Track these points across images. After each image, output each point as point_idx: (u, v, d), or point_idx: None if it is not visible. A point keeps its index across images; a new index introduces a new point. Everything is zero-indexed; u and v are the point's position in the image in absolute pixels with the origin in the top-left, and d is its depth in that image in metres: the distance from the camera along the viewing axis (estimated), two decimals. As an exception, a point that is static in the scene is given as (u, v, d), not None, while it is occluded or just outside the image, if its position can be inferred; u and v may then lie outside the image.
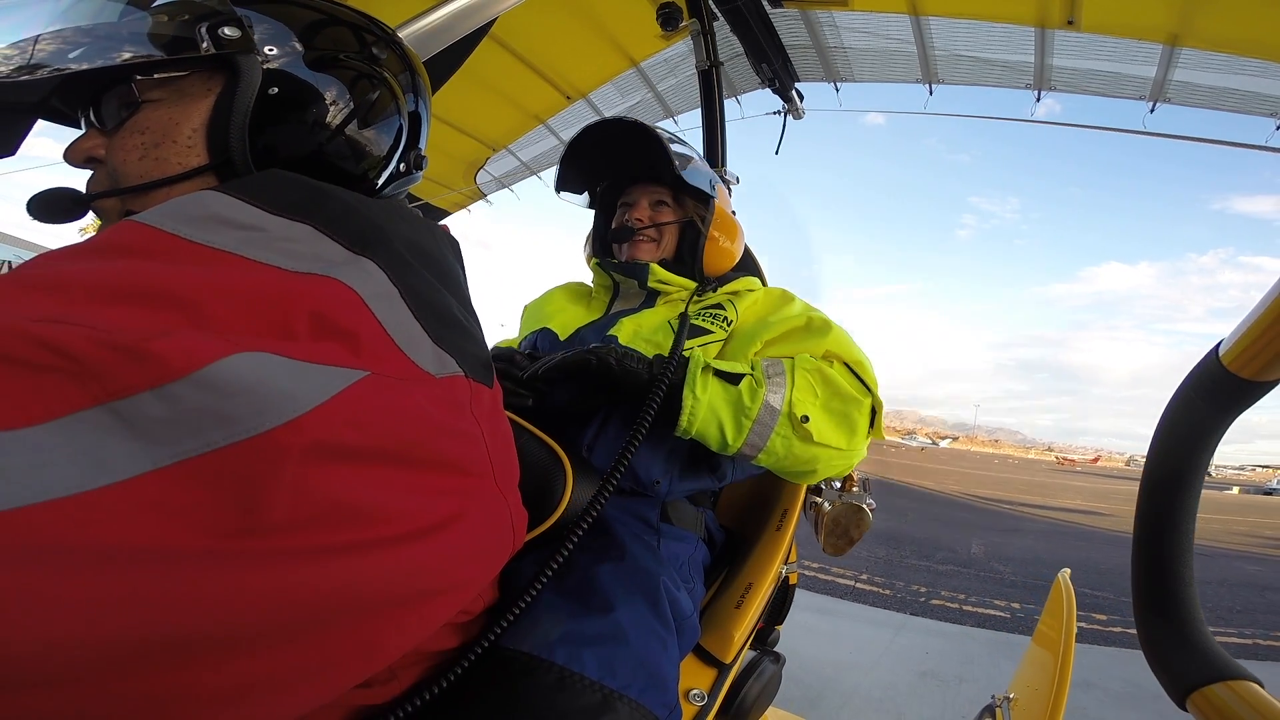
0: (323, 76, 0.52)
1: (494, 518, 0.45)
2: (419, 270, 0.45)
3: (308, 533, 0.32)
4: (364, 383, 0.36)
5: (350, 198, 0.45)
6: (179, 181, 0.49)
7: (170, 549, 0.29)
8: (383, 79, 0.56)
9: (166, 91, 0.49)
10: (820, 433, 0.78)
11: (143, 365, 0.30)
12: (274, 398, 0.32)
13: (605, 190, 1.14)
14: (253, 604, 0.30)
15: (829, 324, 0.91)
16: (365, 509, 0.34)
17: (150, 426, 0.30)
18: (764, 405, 0.76)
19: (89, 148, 0.50)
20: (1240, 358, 0.48)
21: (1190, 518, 0.54)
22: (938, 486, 16.02)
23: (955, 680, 2.64)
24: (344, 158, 0.55)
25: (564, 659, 0.54)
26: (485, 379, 0.48)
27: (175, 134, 0.49)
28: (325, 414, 0.33)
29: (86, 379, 0.29)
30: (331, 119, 0.53)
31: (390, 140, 0.58)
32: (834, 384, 0.80)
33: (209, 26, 0.47)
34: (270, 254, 0.38)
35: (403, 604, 0.36)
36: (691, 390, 0.76)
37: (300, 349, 0.35)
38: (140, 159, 0.49)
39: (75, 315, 0.31)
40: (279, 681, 0.31)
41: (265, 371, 0.32)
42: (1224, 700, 0.48)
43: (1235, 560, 7.37)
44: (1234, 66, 1.49)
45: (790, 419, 0.77)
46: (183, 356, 0.31)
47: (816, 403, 0.79)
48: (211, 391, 0.31)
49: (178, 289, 0.34)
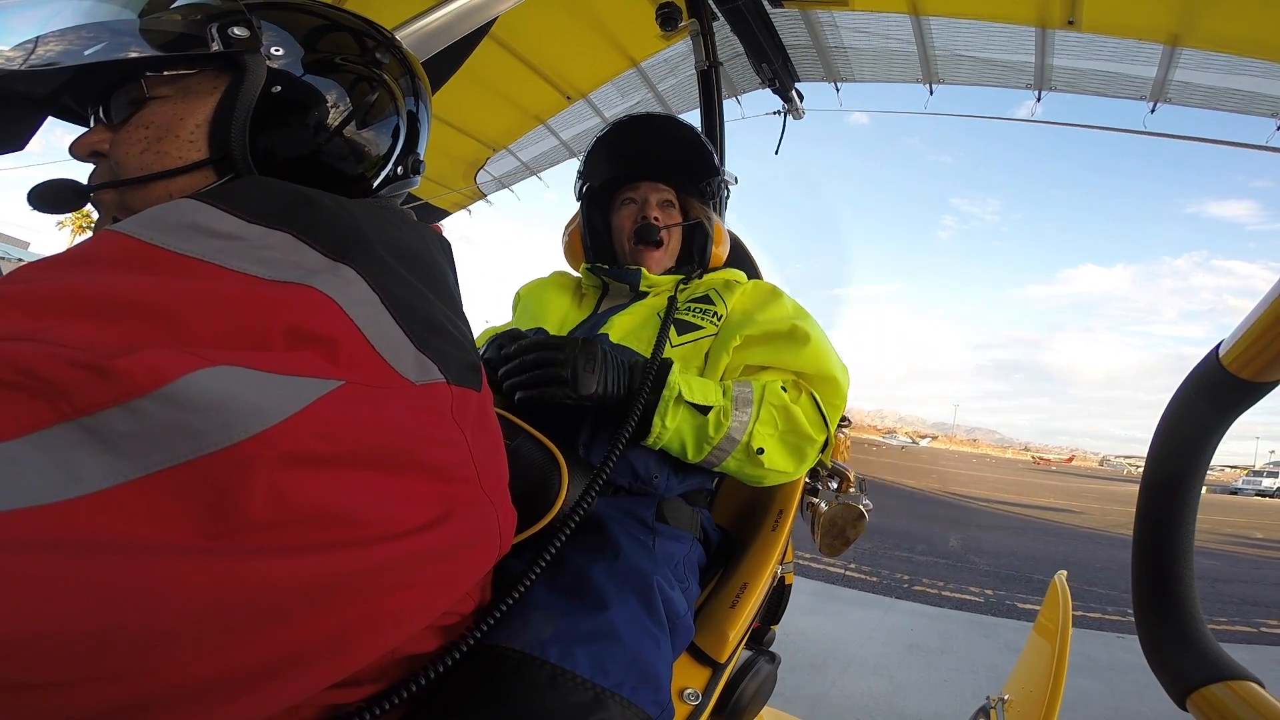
0: (324, 79, 0.54)
1: (478, 521, 0.44)
2: (402, 275, 0.45)
3: (281, 534, 0.32)
4: (337, 393, 0.36)
5: (334, 203, 0.45)
6: (177, 175, 0.50)
7: (140, 547, 0.29)
8: (383, 82, 0.57)
9: (174, 89, 0.51)
10: (771, 461, 0.84)
11: (109, 383, 0.30)
12: (241, 411, 0.32)
13: (599, 185, 1.12)
14: (222, 596, 0.30)
15: (809, 335, 0.91)
16: (339, 515, 0.34)
17: (120, 441, 0.30)
18: (726, 436, 0.83)
19: (94, 142, 0.52)
20: (1240, 358, 0.47)
21: (1190, 518, 0.54)
22: (917, 484, 16.50)
23: (938, 652, 3.14)
24: (342, 159, 0.55)
25: (556, 657, 0.54)
26: (471, 383, 0.47)
27: (178, 129, 0.50)
28: (294, 426, 0.33)
29: (55, 397, 0.30)
30: (331, 120, 0.54)
31: (388, 143, 0.59)
32: (794, 420, 0.85)
33: (219, 26, 0.49)
34: (247, 263, 0.38)
35: (377, 604, 0.36)
36: (661, 419, 0.80)
37: (274, 359, 0.35)
38: (142, 152, 0.49)
39: (46, 331, 0.32)
40: (248, 679, 0.31)
41: (233, 385, 0.33)
42: (1224, 700, 0.48)
43: (1196, 556, 7.73)
44: (1234, 67, 1.49)
45: (746, 449, 0.83)
46: (148, 373, 0.31)
47: (774, 435, 0.84)
48: (178, 407, 0.31)
49: (152, 301, 0.35)
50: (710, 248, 1.06)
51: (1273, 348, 0.45)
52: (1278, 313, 0.43)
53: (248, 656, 0.31)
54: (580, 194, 1.12)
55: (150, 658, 0.28)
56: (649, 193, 1.05)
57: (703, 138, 1.07)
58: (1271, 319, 0.44)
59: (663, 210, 1.05)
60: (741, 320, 0.94)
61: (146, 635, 0.28)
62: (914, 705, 2.47)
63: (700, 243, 1.06)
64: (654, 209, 1.04)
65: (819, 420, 0.87)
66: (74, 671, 0.27)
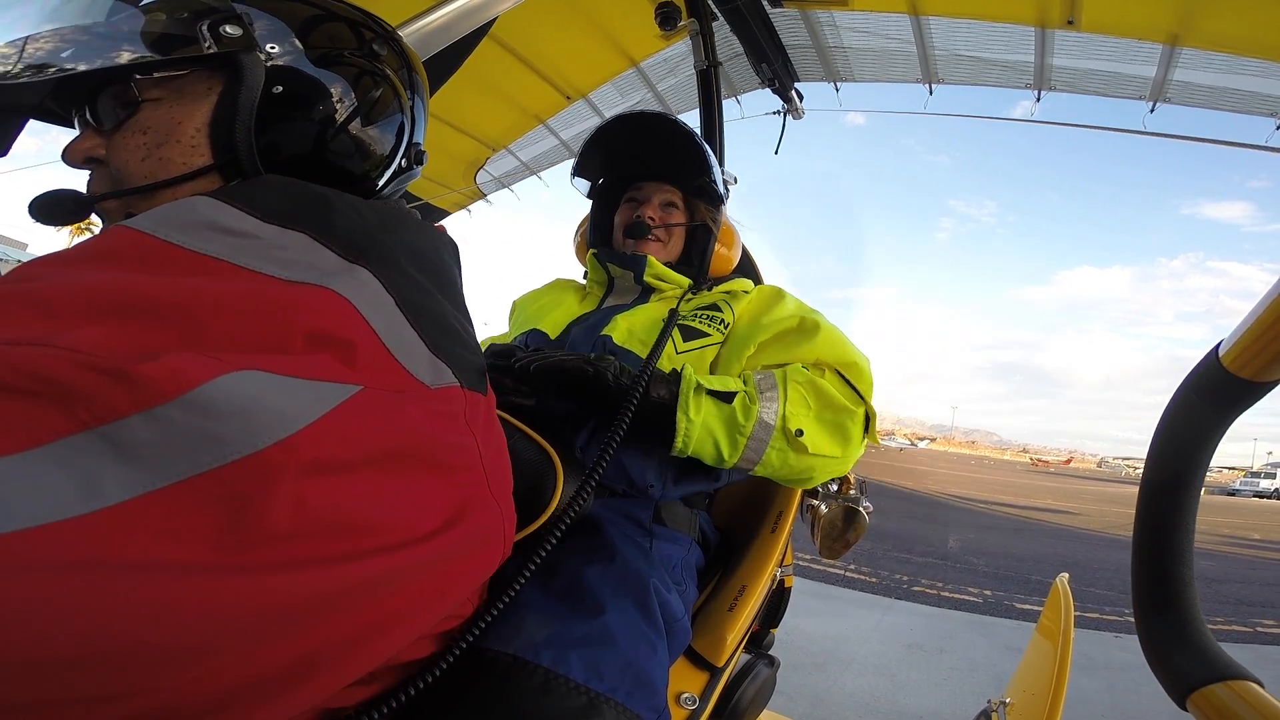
0: (325, 73, 0.52)
1: (488, 524, 0.44)
2: (416, 277, 0.44)
3: (304, 544, 0.31)
4: (357, 398, 0.35)
5: (348, 203, 0.44)
6: (184, 182, 0.48)
7: (160, 564, 0.28)
8: (383, 75, 0.55)
9: (166, 90, 0.48)
10: (815, 444, 0.78)
11: (130, 388, 0.29)
12: (265, 417, 0.31)
13: (608, 183, 1.12)
14: (245, 612, 0.29)
15: (819, 324, 0.90)
16: (360, 522, 0.34)
17: (140, 450, 0.29)
18: (758, 421, 0.77)
19: (88, 148, 0.49)
20: (1240, 358, 0.47)
21: (1190, 518, 0.54)
22: (916, 486, 16.52)
23: (937, 651, 3.17)
24: (348, 156, 0.54)
25: (550, 661, 0.53)
26: (480, 386, 0.47)
27: (178, 133, 0.48)
28: (318, 431, 0.33)
29: (72, 403, 0.29)
30: (335, 116, 0.52)
31: (393, 136, 0.57)
32: (826, 395, 0.81)
33: (210, 24, 0.47)
34: (263, 262, 0.37)
35: (389, 608, 0.35)
36: (685, 412, 0.75)
37: (294, 363, 0.34)
38: (143, 159, 0.48)
39: (59, 334, 0.31)
40: (262, 691, 0.31)
41: (255, 390, 0.32)
42: (1224, 700, 0.48)
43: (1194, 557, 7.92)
44: (1234, 66, 1.49)
45: (785, 433, 0.77)
46: (171, 379, 0.30)
47: (809, 415, 0.79)
48: (201, 414, 0.30)
49: (168, 300, 0.34)
50: (711, 251, 1.05)
51: (1272, 347, 0.45)
52: (1277, 312, 0.43)
53: (265, 668, 0.30)
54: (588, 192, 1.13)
55: (168, 675, 0.28)
56: (652, 193, 1.05)
57: (699, 139, 1.06)
58: (1271, 319, 0.44)
59: (664, 211, 1.05)
60: (749, 327, 0.92)
61: (165, 654, 0.27)
62: (914, 703, 2.49)
63: (701, 246, 1.06)
64: (653, 209, 1.04)
65: (851, 393, 0.82)
66: (89, 690, 0.26)
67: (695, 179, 1.04)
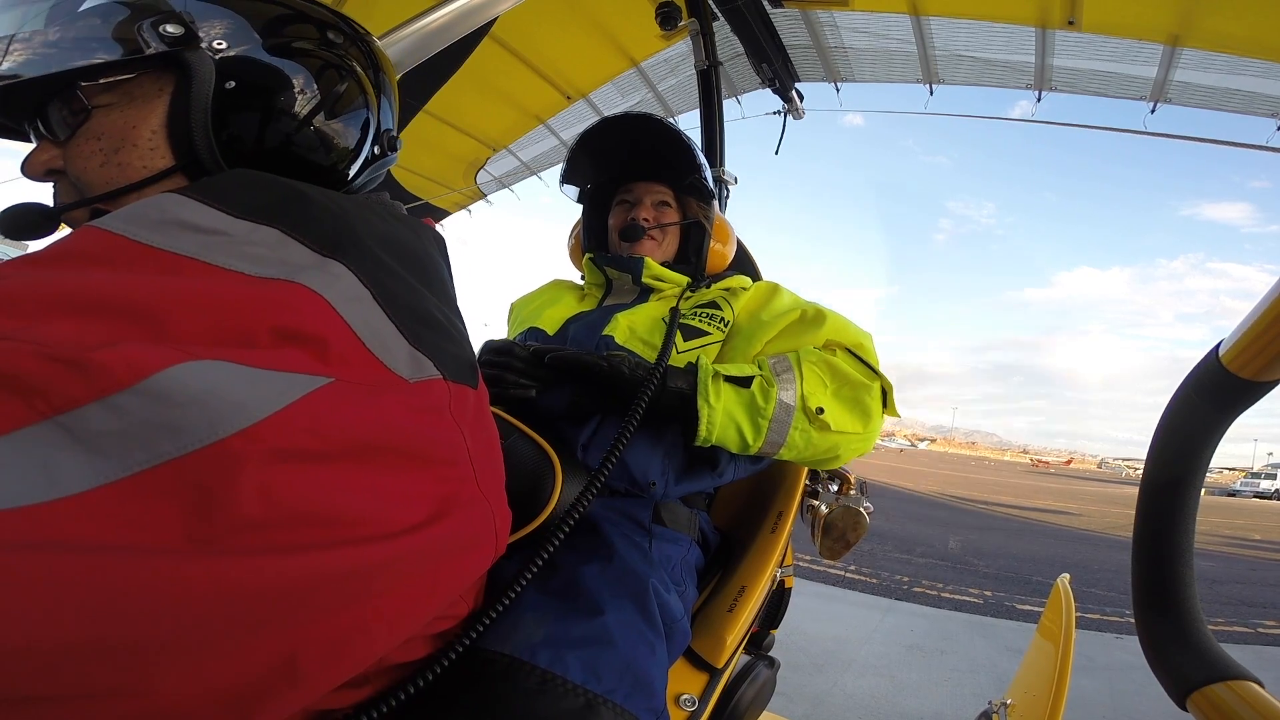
0: (280, 63, 0.50)
1: (476, 521, 0.43)
2: (395, 270, 0.44)
3: (274, 533, 0.31)
4: (327, 389, 0.35)
5: (322, 197, 0.44)
6: (147, 185, 0.47)
7: (123, 550, 0.28)
8: (341, 61, 0.54)
9: (116, 95, 0.47)
10: (837, 421, 0.79)
11: (86, 376, 0.29)
12: (226, 406, 0.31)
13: (598, 186, 1.12)
14: (212, 601, 0.29)
15: (823, 312, 0.91)
16: (331, 513, 0.34)
17: (99, 440, 0.29)
18: (778, 403, 0.77)
19: (46, 160, 0.48)
20: (1240, 358, 0.47)
21: (1190, 518, 0.54)
22: (916, 487, 16.54)
23: (937, 652, 3.14)
24: (313, 148, 0.53)
25: (547, 662, 0.53)
26: (468, 380, 0.46)
27: (134, 137, 0.47)
28: (282, 421, 0.32)
29: (31, 394, 0.29)
30: (294, 107, 0.51)
31: (359, 124, 0.56)
32: (841, 372, 0.82)
33: (150, 25, 0.45)
34: (233, 259, 0.37)
35: (371, 606, 0.35)
36: (705, 400, 0.76)
37: (260, 356, 0.34)
38: (102, 166, 0.47)
39: (23, 330, 0.31)
40: (244, 693, 0.30)
41: (216, 380, 0.32)
42: (1224, 700, 0.48)
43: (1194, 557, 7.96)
44: (1235, 67, 1.49)
45: (805, 413, 0.78)
46: (126, 367, 0.30)
47: (828, 392, 0.80)
48: (158, 401, 0.30)
49: (135, 298, 0.34)
50: (707, 248, 1.05)
51: (1273, 347, 0.45)
52: (1277, 312, 0.43)
53: (242, 667, 0.30)
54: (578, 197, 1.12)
55: (140, 672, 0.27)
56: (644, 193, 1.05)
57: (685, 136, 1.04)
58: (1271, 319, 0.44)
59: (657, 210, 1.05)
60: (751, 324, 0.93)
61: (134, 645, 0.27)
62: (915, 704, 2.49)
63: (696, 243, 1.06)
64: (646, 209, 1.03)
65: (865, 369, 0.83)
66: (58, 687, 0.26)
67: (685, 177, 1.04)
